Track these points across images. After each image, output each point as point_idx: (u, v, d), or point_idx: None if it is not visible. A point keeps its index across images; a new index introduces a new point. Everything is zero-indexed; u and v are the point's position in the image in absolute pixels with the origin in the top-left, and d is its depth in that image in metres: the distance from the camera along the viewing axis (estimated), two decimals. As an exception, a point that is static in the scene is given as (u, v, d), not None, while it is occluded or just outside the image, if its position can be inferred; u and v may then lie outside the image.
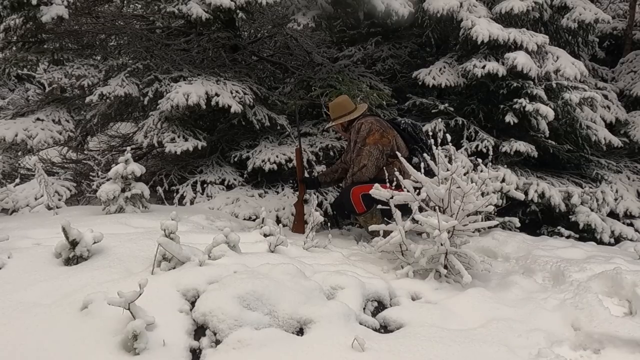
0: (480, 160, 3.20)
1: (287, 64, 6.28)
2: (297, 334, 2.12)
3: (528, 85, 5.38)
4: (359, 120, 3.94)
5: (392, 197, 3.04)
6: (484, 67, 5.34)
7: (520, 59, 5.26)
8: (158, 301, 2.11)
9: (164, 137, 4.92)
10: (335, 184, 4.61)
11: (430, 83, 5.62)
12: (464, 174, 2.94)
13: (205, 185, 5.03)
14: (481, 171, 3.06)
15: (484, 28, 5.36)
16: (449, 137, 3.10)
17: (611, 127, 6.73)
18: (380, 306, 2.52)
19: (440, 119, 5.26)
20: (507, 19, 5.92)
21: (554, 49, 5.76)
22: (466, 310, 2.50)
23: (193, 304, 2.17)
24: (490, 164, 3.72)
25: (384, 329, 2.37)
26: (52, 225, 3.07)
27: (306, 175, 4.76)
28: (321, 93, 5.13)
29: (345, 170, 4.30)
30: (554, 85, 5.61)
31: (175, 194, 4.97)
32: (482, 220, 3.01)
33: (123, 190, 3.78)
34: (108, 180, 3.87)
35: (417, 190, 3.00)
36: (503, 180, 4.76)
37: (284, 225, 3.60)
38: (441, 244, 2.79)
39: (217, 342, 2.03)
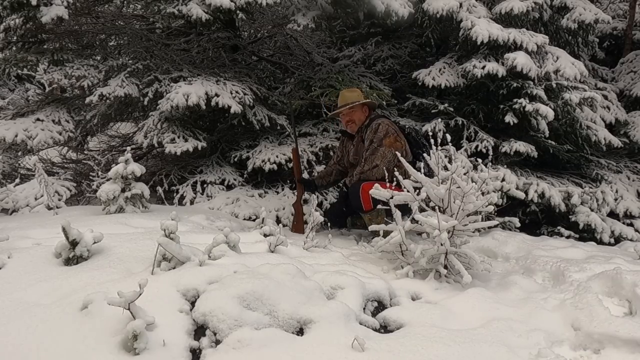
0: (480, 161, 3.20)
1: (287, 64, 6.29)
2: (297, 334, 2.12)
3: (528, 86, 5.39)
4: (377, 121, 3.93)
5: (392, 197, 3.04)
6: (483, 67, 5.34)
7: (520, 59, 5.26)
8: (158, 301, 2.11)
9: (164, 138, 4.92)
10: (332, 186, 4.59)
11: (430, 83, 5.63)
12: (464, 174, 2.94)
13: (205, 185, 5.03)
14: (481, 171, 3.06)
15: (483, 28, 5.37)
16: (448, 137, 3.09)
17: (611, 127, 6.74)
18: (380, 306, 2.52)
19: (440, 119, 5.26)
20: (507, 19, 5.93)
21: (553, 49, 5.76)
22: (466, 310, 2.50)
23: (193, 304, 2.17)
24: (490, 164, 3.72)
25: (384, 329, 2.37)
26: (52, 225, 3.07)
27: (306, 176, 4.76)
28: (321, 93, 5.13)
29: (341, 172, 4.29)
30: (554, 86, 5.61)
31: (175, 194, 4.97)
32: (482, 220, 3.01)
33: (123, 190, 3.78)
34: (108, 180, 3.86)
35: (417, 190, 3.00)
36: (503, 180, 4.76)
37: (284, 225, 3.60)
38: (441, 244, 2.79)
39: (217, 342, 2.03)
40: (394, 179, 3.02)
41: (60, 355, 1.86)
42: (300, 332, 2.14)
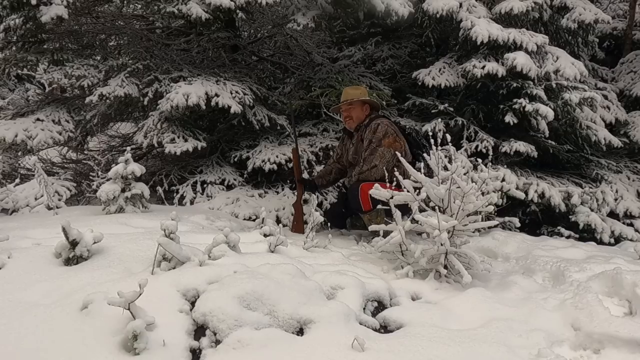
0: (480, 161, 3.20)
1: (287, 64, 6.29)
2: (297, 334, 2.12)
3: (528, 86, 5.38)
4: (376, 121, 3.93)
5: (391, 197, 3.04)
6: (483, 67, 5.34)
7: (520, 59, 5.26)
8: (158, 301, 2.11)
9: (164, 138, 4.92)
10: (332, 185, 4.59)
11: (430, 83, 5.62)
12: (464, 174, 2.94)
13: (205, 185, 5.03)
14: (481, 171, 3.06)
15: (483, 28, 5.37)
16: (448, 137, 3.09)
17: (611, 127, 6.73)
18: (380, 306, 2.52)
19: (440, 119, 5.25)
20: (507, 19, 5.93)
21: (553, 49, 5.76)
22: (466, 310, 2.50)
23: (193, 304, 2.17)
24: (490, 164, 3.73)
25: (384, 329, 2.37)
26: (52, 225, 3.07)
27: (306, 176, 4.76)
28: (321, 93, 5.14)
29: (340, 170, 4.29)
30: (554, 86, 5.61)
31: (175, 194, 4.97)
32: (482, 220, 3.01)
33: (123, 190, 3.78)
34: (108, 180, 3.86)
35: (417, 190, 3.00)
36: (503, 180, 4.76)
37: (284, 225, 3.59)
38: (441, 244, 2.79)
39: (217, 342, 2.03)
40: (394, 179, 3.02)
41: (60, 355, 1.86)
42: (300, 332, 2.14)
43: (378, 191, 3.11)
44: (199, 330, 2.08)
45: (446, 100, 5.76)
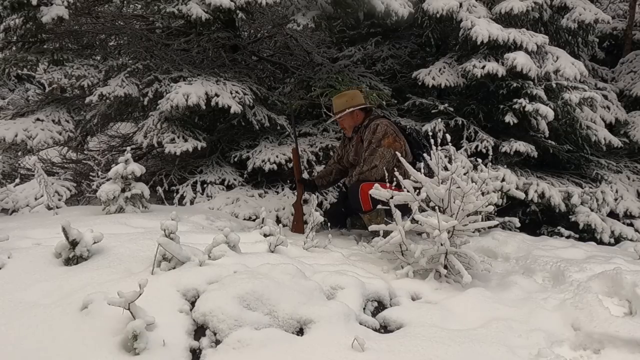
0: (480, 161, 3.20)
1: (287, 64, 6.29)
2: (297, 334, 2.12)
3: (528, 86, 5.39)
4: (375, 121, 3.93)
5: (392, 197, 3.04)
6: (483, 67, 5.34)
7: (520, 59, 5.26)
8: (158, 301, 2.11)
9: (164, 138, 4.92)
10: (332, 185, 4.60)
11: (430, 83, 5.63)
12: (464, 174, 2.94)
13: (205, 185, 5.03)
14: (481, 171, 3.06)
15: (483, 28, 5.37)
16: (448, 137, 3.09)
17: (611, 127, 6.74)
18: (380, 306, 2.52)
19: (440, 119, 5.25)
20: (507, 19, 5.93)
21: (553, 49, 5.76)
22: (466, 310, 2.50)
23: (193, 304, 2.17)
24: (490, 164, 3.72)
25: (384, 329, 2.37)
26: (52, 225, 3.07)
27: (306, 176, 4.76)
28: (321, 93, 5.14)
29: (341, 171, 4.30)
30: (554, 86, 5.61)
31: (175, 194, 4.97)
32: (482, 220, 3.01)
33: (123, 190, 3.78)
34: (108, 180, 3.87)
35: (417, 191, 3.00)
36: (503, 180, 4.76)
37: (284, 225, 3.59)
38: (441, 244, 2.79)
39: (217, 342, 2.03)
40: (394, 179, 3.02)
41: (60, 355, 1.86)
42: (300, 332, 2.14)
43: (378, 191, 3.11)
44: (199, 330, 2.08)
45: (446, 100, 5.77)
